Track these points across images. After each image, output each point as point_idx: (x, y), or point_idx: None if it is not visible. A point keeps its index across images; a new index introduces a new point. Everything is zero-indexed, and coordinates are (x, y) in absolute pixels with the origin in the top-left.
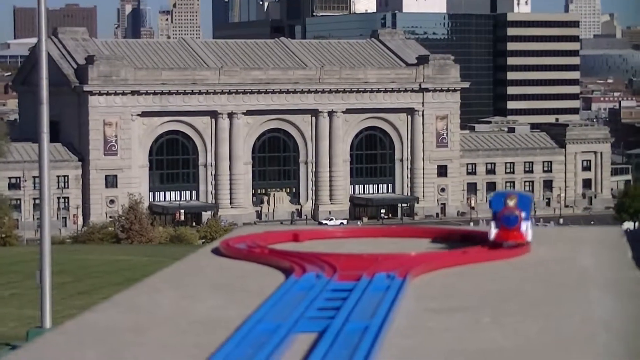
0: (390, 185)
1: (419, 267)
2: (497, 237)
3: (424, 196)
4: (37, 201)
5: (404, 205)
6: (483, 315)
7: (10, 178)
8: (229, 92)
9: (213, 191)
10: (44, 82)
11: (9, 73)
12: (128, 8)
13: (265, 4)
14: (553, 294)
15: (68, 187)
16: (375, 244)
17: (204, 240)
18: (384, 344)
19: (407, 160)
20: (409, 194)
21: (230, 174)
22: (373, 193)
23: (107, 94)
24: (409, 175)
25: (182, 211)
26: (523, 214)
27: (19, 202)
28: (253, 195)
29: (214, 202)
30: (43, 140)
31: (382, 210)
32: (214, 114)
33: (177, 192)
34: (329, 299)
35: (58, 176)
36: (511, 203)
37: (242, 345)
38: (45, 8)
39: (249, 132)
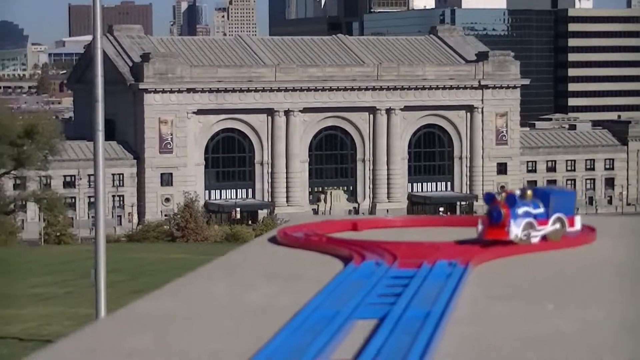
0: (449, 183)
1: (481, 255)
2: (482, 233)
3: (483, 194)
4: (92, 199)
5: (463, 203)
6: (546, 303)
7: (65, 176)
8: (286, 90)
9: (269, 189)
10: (100, 80)
11: (64, 71)
12: (184, 5)
13: (322, 1)
14: (617, 282)
15: (123, 186)
16: (436, 233)
17: None
18: (445, 331)
19: (466, 158)
20: (468, 192)
21: (286, 172)
22: (431, 191)
23: (163, 91)
24: (468, 173)
25: (238, 209)
26: (525, 209)
27: (74, 200)
28: (310, 193)
29: (270, 200)
30: (98, 139)
31: (441, 209)
32: (270, 112)
33: (233, 191)
34: (390, 285)
35: (113, 174)
36: (499, 198)
37: (300, 332)
38: (101, 5)
39: (305, 130)
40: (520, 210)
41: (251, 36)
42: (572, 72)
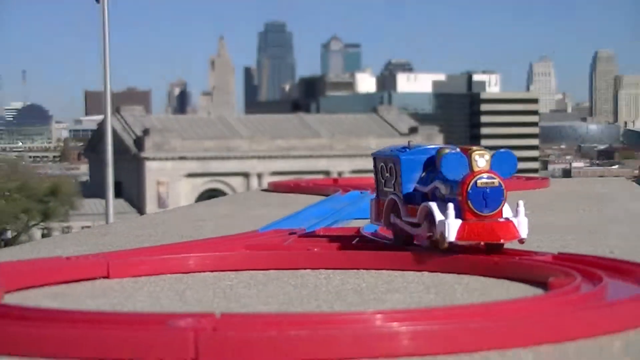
0: None
1: None
2: (465, 232)
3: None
4: None
5: None
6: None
7: (82, 227)
8: (258, 157)
9: None
10: (110, 150)
11: (81, 143)
12: (176, 90)
13: (287, 86)
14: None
15: None
16: None
17: None
18: None
19: None
20: None
21: None
22: None
23: (160, 159)
24: None
25: None
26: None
27: None
28: None
29: None
30: (109, 196)
31: None
32: (246, 175)
33: None
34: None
35: None
36: (482, 163)
37: (300, 219)
38: (110, 91)
39: None
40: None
41: (230, 115)
42: (484, 142)
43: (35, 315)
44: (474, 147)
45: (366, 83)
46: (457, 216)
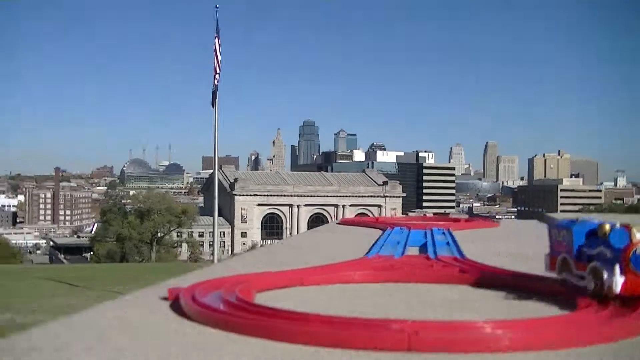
0: None
1: (454, 226)
2: (628, 287)
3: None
4: (211, 242)
5: None
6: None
7: (199, 232)
8: (298, 196)
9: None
10: (216, 189)
11: (200, 185)
12: (253, 157)
13: (315, 157)
14: (520, 238)
15: (225, 237)
16: (430, 223)
17: None
18: (463, 248)
19: None
20: None
21: (297, 233)
22: None
23: (243, 195)
24: None
25: None
26: None
27: (202, 243)
28: None
29: None
30: (215, 216)
31: None
32: (290, 205)
33: (273, 241)
34: (414, 235)
35: (220, 231)
36: (639, 236)
37: (384, 247)
38: (217, 156)
39: (306, 214)
40: None
41: (282, 171)
42: (425, 191)
43: (294, 316)
44: (631, 224)
45: (359, 156)
46: (621, 274)
